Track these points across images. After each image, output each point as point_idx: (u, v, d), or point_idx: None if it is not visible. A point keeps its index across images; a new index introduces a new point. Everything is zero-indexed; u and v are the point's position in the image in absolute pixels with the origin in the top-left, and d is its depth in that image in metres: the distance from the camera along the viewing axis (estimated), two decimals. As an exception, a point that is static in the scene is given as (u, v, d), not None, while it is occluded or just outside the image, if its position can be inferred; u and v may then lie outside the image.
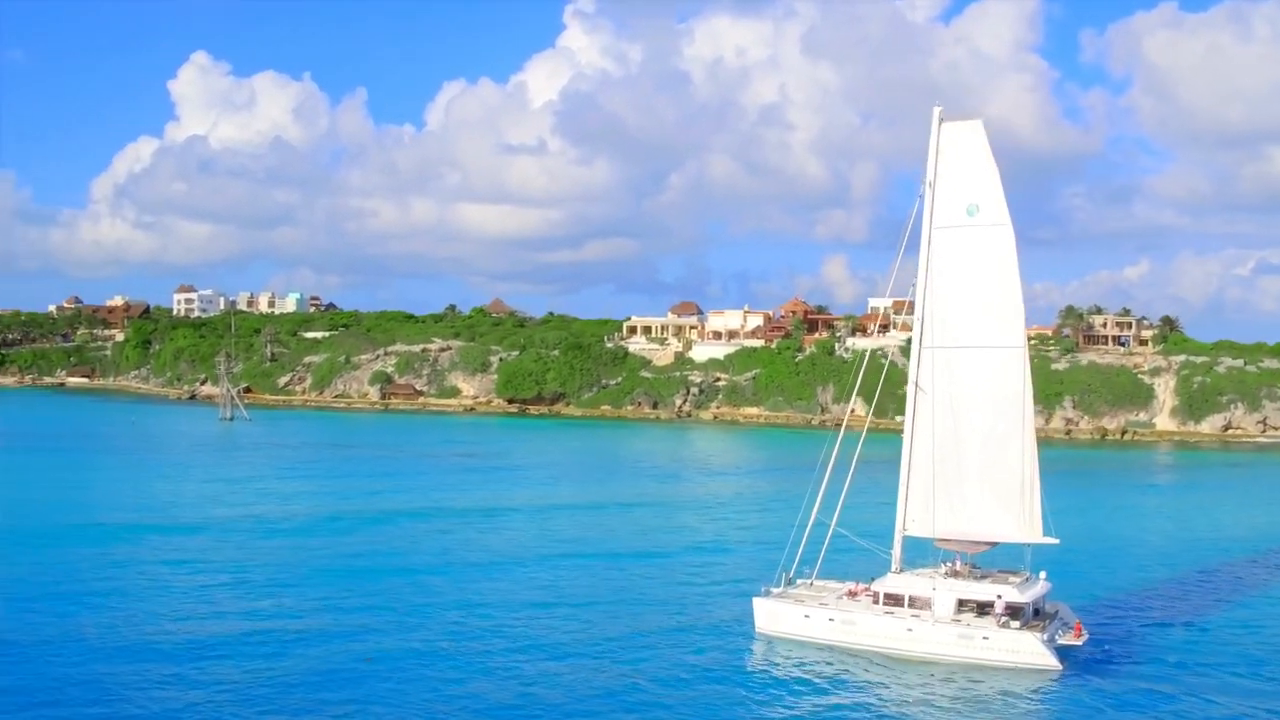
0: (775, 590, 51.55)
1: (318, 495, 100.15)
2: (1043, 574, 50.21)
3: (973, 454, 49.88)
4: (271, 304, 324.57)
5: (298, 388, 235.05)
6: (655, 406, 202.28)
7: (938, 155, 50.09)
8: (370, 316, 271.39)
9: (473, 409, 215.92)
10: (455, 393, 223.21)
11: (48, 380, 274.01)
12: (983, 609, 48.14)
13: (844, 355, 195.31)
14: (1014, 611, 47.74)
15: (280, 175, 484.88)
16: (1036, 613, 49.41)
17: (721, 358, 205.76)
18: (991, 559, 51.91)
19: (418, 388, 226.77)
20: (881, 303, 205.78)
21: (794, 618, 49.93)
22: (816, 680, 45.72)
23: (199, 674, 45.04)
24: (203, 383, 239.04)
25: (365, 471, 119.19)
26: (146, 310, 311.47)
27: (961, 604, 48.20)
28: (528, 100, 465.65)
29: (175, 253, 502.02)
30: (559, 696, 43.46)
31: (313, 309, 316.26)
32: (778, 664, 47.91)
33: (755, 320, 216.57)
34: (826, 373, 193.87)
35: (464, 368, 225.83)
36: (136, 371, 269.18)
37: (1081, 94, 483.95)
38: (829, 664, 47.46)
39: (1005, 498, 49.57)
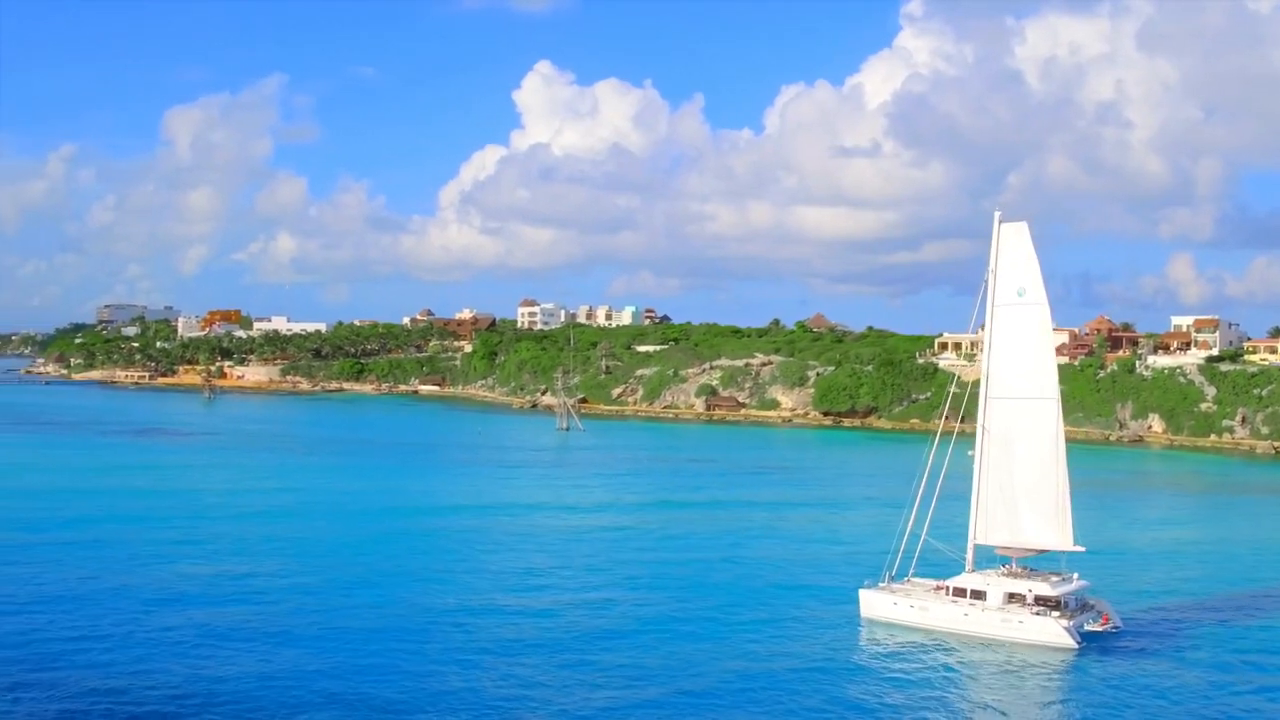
0: (880, 584, 71.85)
1: (628, 496, 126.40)
2: (1075, 574, 68.34)
3: (1021, 481, 68.12)
4: (609, 317, 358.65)
5: (629, 399, 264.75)
6: (962, 421, 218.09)
7: (997, 248, 69.50)
8: (699, 330, 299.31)
9: (790, 420, 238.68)
10: (774, 405, 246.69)
11: (402, 388, 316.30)
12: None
13: (1144, 373, 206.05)
14: (1054, 603, 66.15)
15: (619, 181, 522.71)
16: (1083, 606, 67.82)
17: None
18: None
19: (740, 400, 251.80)
20: (1185, 320, 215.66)
21: (886, 605, 69.42)
22: (894, 648, 65.34)
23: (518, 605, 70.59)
24: (543, 393, 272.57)
25: (677, 474, 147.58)
26: (492, 323, 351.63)
27: (1010, 596, 67.15)
28: (863, 102, 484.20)
29: (519, 257, 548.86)
30: (720, 629, 66.14)
31: (647, 321, 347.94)
32: (871, 637, 68.09)
33: (1061, 337, 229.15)
34: (1126, 390, 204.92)
35: (783, 381, 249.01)
36: (483, 381, 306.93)
37: None
38: (906, 639, 66.41)
39: (1045, 515, 67.89)
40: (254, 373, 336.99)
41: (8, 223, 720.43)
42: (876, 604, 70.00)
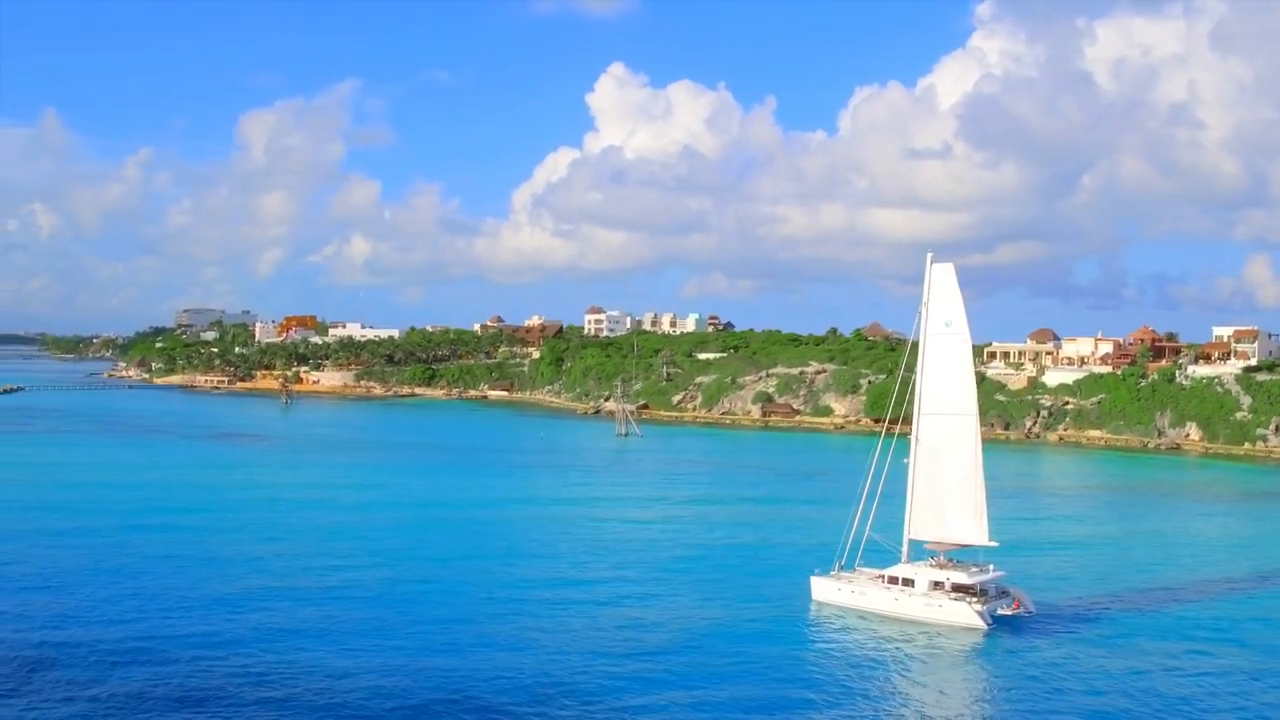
0: (831, 572, 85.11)
1: (664, 495, 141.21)
2: (991, 565, 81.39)
3: (945, 484, 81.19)
4: (673, 323, 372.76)
5: (689, 405, 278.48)
6: (1006, 428, 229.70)
7: (930, 285, 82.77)
8: (758, 338, 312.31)
9: (842, 427, 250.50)
10: (828, 412, 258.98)
11: (472, 393, 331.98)
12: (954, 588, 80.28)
13: (1183, 383, 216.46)
14: (970, 590, 79.17)
15: (691, 183, 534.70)
16: (1000, 593, 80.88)
17: (1071, 383, 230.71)
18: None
19: (795, 406, 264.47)
20: (1225, 331, 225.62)
21: (832, 590, 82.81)
22: (831, 625, 78.86)
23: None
24: (606, 399, 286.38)
25: (716, 477, 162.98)
26: (560, 330, 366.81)
27: (934, 584, 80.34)
28: (935, 104, 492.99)
29: (591, 259, 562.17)
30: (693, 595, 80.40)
31: (710, 327, 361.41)
32: (818, 616, 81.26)
33: (1106, 347, 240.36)
34: (1165, 399, 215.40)
35: (836, 389, 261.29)
36: (549, 386, 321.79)
37: None
38: (845, 618, 79.56)
39: (966, 514, 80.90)
40: (329, 378, 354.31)
41: (87, 226, 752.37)
42: (824, 589, 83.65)
